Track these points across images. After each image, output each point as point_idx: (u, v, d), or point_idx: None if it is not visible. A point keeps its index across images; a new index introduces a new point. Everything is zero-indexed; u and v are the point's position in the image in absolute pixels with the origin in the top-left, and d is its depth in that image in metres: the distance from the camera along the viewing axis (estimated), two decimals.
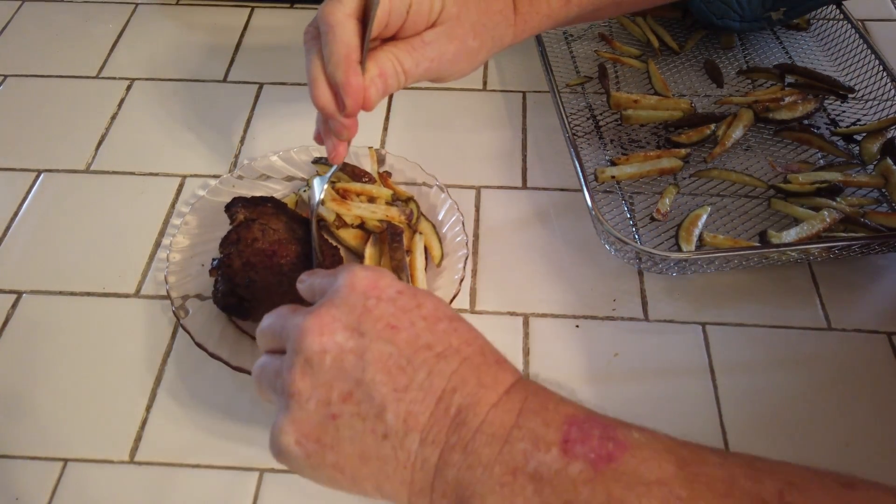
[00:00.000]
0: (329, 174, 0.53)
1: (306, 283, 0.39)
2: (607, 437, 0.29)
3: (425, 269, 0.56)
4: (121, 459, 0.49)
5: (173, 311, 0.52)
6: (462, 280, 0.55)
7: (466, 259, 0.56)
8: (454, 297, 0.54)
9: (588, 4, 0.52)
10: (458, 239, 0.57)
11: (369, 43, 0.44)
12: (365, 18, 0.43)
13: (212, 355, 0.50)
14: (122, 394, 0.52)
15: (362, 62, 0.44)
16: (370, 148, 0.64)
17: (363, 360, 0.31)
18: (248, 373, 0.49)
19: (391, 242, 0.55)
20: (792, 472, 0.28)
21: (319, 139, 0.50)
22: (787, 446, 0.49)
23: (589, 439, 0.29)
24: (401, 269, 0.54)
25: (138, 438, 0.50)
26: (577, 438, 0.29)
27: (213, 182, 0.62)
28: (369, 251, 0.56)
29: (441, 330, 0.33)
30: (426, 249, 0.57)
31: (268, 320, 0.37)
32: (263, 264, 0.53)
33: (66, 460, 0.49)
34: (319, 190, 0.53)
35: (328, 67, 0.43)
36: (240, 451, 0.49)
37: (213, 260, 0.54)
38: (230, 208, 0.56)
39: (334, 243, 0.58)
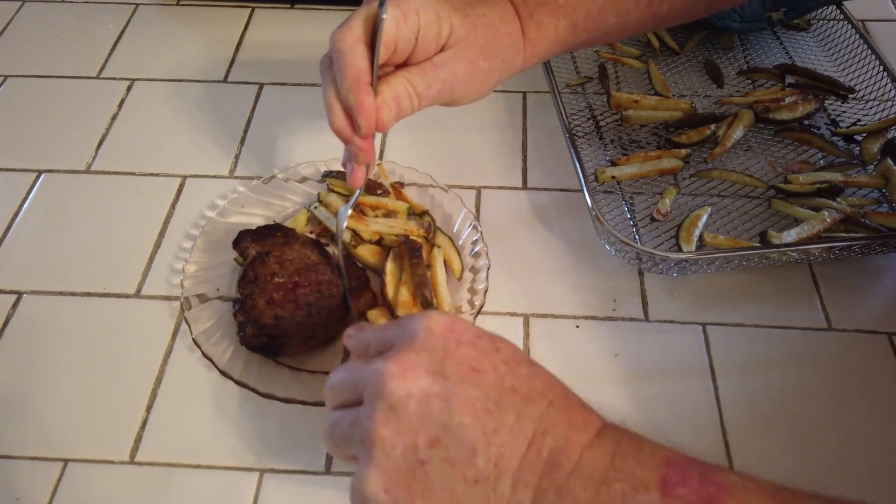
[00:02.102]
0: (352, 201, 0.52)
1: (357, 337, 0.38)
2: (707, 479, 0.29)
3: (446, 282, 0.55)
4: (121, 459, 0.49)
5: (193, 340, 0.51)
6: (486, 291, 0.54)
7: (488, 269, 0.55)
8: (480, 309, 0.53)
9: (595, 30, 0.53)
10: (477, 249, 0.57)
11: (380, 68, 0.45)
12: (374, 43, 0.44)
13: (238, 383, 0.49)
14: (122, 394, 0.52)
15: (374, 84, 0.45)
16: (379, 164, 0.63)
17: (450, 404, 0.31)
18: (278, 399, 0.48)
19: (411, 258, 0.54)
20: None
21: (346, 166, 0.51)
22: (788, 446, 0.49)
23: (689, 481, 0.29)
24: (423, 285, 0.53)
25: (138, 438, 0.50)
26: (676, 481, 0.29)
27: (220, 202, 0.62)
28: (390, 267, 0.55)
29: (523, 374, 0.33)
30: (445, 263, 0.56)
31: (337, 375, 0.36)
32: (288, 298, 0.51)
33: (66, 460, 0.49)
34: (344, 218, 0.53)
35: (341, 92, 0.44)
36: (240, 451, 0.49)
37: (235, 304, 0.52)
38: (238, 244, 0.55)
39: (359, 264, 0.56)
